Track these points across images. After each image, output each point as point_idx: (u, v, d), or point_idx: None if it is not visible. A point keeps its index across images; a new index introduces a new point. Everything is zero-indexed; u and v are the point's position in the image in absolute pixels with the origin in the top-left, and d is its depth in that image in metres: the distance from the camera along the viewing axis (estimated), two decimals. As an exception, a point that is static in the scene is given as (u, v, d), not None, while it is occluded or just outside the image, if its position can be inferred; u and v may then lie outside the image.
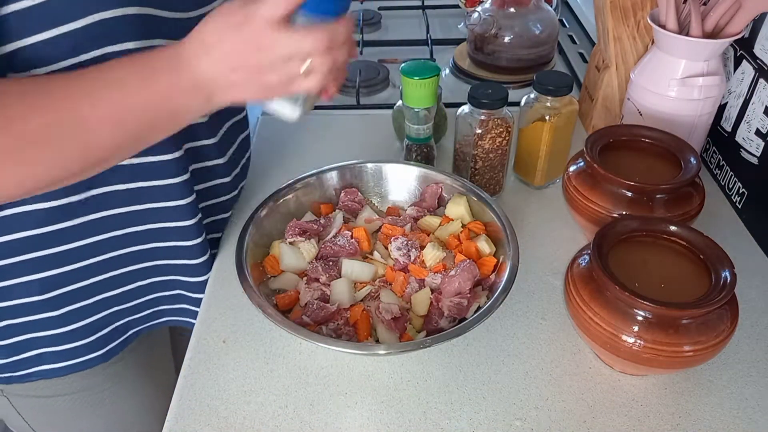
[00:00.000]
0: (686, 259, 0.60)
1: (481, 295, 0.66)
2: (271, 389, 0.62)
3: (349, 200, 0.77)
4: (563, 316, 0.69)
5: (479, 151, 0.79)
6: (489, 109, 0.77)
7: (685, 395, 0.61)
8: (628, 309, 0.56)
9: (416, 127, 0.83)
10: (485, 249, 0.69)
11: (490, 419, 0.59)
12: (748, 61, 0.79)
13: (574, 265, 0.62)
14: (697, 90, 0.77)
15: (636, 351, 0.55)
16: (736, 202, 0.83)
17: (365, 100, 1.10)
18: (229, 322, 0.69)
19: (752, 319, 0.68)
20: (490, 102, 0.76)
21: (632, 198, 0.68)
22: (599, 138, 0.74)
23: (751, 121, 0.79)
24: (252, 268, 0.66)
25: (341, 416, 0.60)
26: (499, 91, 0.77)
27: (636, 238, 0.62)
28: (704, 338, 0.54)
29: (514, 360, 0.65)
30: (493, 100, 0.76)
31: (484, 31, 1.10)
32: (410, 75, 0.78)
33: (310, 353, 0.66)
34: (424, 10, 1.39)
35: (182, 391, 0.62)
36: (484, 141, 0.78)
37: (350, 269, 0.68)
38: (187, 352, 0.67)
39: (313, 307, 0.64)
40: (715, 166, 0.88)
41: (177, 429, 0.59)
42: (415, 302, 0.66)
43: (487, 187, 0.83)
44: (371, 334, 0.64)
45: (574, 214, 0.74)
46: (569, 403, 0.61)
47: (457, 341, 0.66)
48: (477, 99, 0.76)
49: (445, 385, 0.62)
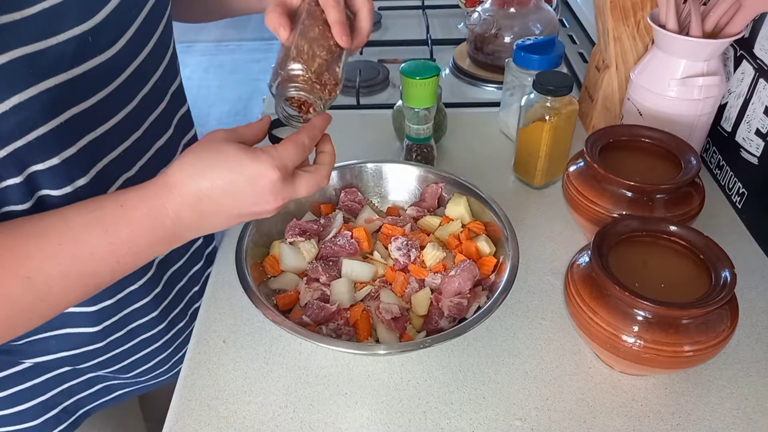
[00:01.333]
0: (686, 259, 0.60)
1: (481, 295, 0.66)
2: (271, 389, 0.62)
3: (349, 200, 0.77)
4: (563, 316, 0.69)
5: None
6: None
7: (685, 395, 0.61)
8: (628, 309, 0.56)
9: (416, 127, 0.83)
10: (485, 249, 0.69)
11: (490, 419, 0.59)
12: (748, 61, 0.79)
13: (574, 265, 0.62)
14: (697, 90, 0.77)
15: (636, 351, 0.55)
16: (736, 202, 0.83)
17: (365, 100, 1.10)
18: (229, 322, 0.69)
19: (752, 319, 0.68)
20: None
21: (632, 198, 0.68)
22: (599, 138, 0.74)
23: (751, 121, 0.79)
24: (252, 268, 0.66)
25: (341, 416, 0.60)
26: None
27: (636, 238, 0.62)
28: (704, 338, 0.54)
29: (514, 360, 0.65)
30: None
31: (484, 31, 1.10)
32: (410, 75, 0.78)
33: (310, 353, 0.66)
34: (424, 10, 1.39)
35: (182, 391, 0.62)
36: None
37: (350, 269, 0.68)
38: (187, 352, 0.67)
39: (313, 307, 0.64)
40: (715, 166, 0.88)
41: (177, 429, 0.59)
42: (415, 302, 0.66)
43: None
44: (371, 334, 0.64)
45: (574, 214, 0.74)
46: (569, 403, 0.61)
47: (457, 341, 0.66)
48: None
49: (445, 385, 0.62)
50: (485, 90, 1.13)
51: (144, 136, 0.61)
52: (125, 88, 0.56)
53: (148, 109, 0.61)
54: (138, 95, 0.58)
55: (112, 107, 0.55)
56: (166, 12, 0.62)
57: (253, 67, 3.43)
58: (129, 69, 0.56)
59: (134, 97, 0.58)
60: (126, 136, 0.58)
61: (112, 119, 0.55)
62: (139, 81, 0.58)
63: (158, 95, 0.63)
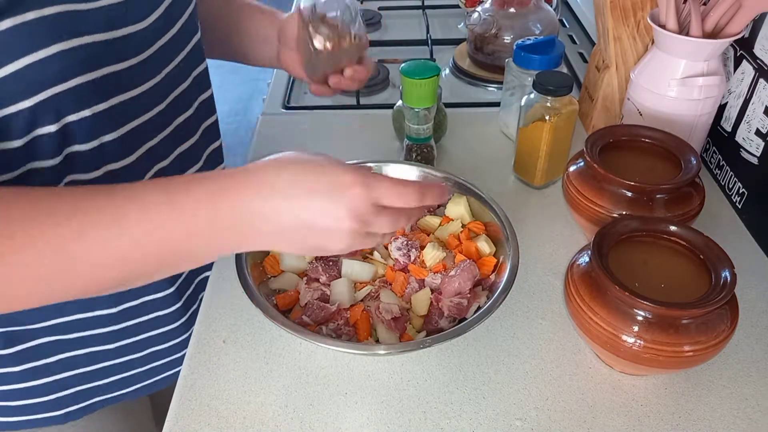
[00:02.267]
0: (686, 259, 0.60)
1: (481, 295, 0.66)
2: (271, 389, 0.62)
3: (349, 200, 0.77)
4: (563, 316, 0.69)
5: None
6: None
7: (685, 395, 0.61)
8: (628, 309, 0.56)
9: (416, 127, 0.83)
10: (485, 249, 0.69)
11: (490, 419, 0.59)
12: (748, 61, 0.79)
13: (574, 265, 0.62)
14: (697, 90, 0.77)
15: (636, 351, 0.55)
16: (736, 202, 0.83)
17: (365, 100, 1.10)
18: (229, 322, 0.69)
19: (752, 319, 0.68)
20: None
21: (632, 198, 0.68)
22: (599, 138, 0.74)
23: (751, 121, 0.79)
24: (252, 268, 0.66)
25: (341, 416, 0.60)
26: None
27: (636, 238, 0.62)
28: (704, 338, 0.54)
29: (514, 360, 0.65)
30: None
31: (484, 31, 1.10)
32: (410, 75, 0.78)
33: (310, 353, 0.66)
34: (424, 10, 1.39)
35: (182, 391, 0.62)
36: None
37: (350, 269, 0.68)
38: (187, 351, 0.67)
39: (313, 307, 0.64)
40: (715, 166, 0.88)
41: (177, 429, 0.59)
42: (415, 302, 0.66)
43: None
44: (371, 334, 0.64)
45: (574, 214, 0.74)
46: (569, 403, 0.61)
47: (457, 341, 0.66)
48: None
49: (445, 385, 0.62)
50: (485, 90, 1.13)
51: (165, 111, 0.65)
52: (152, 61, 0.60)
53: (170, 86, 0.65)
54: (162, 71, 0.63)
55: (141, 76, 0.60)
56: (191, 3, 0.67)
57: (253, 67, 3.43)
58: (155, 45, 0.60)
59: (159, 72, 0.62)
60: (150, 107, 0.62)
61: (138, 88, 0.60)
62: (163, 58, 0.63)
63: (181, 75, 0.67)
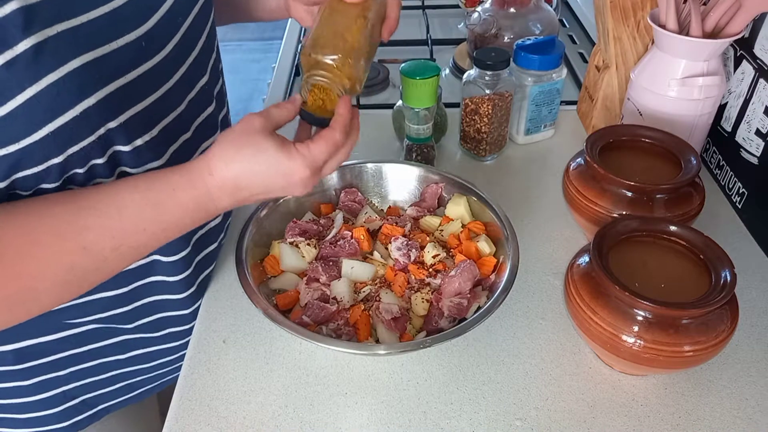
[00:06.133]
0: (686, 259, 0.60)
1: (481, 295, 0.66)
2: (271, 389, 0.62)
3: (349, 200, 0.77)
4: (563, 316, 0.69)
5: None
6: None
7: (685, 395, 0.61)
8: (628, 309, 0.56)
9: (416, 127, 0.83)
10: (485, 249, 0.69)
11: (490, 419, 0.59)
12: (748, 61, 0.79)
13: (574, 265, 0.62)
14: (697, 90, 0.77)
15: (636, 351, 0.55)
16: (736, 202, 0.83)
17: (365, 100, 1.10)
18: (229, 322, 0.69)
19: (752, 319, 0.68)
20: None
21: (632, 198, 0.68)
22: (599, 138, 0.74)
23: (751, 121, 0.79)
24: (252, 268, 0.66)
25: (341, 416, 0.60)
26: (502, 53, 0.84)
27: (636, 238, 0.62)
28: (704, 338, 0.54)
29: (514, 360, 0.65)
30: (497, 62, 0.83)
31: (484, 31, 1.10)
32: (410, 75, 0.78)
33: (310, 353, 0.66)
34: (424, 10, 1.39)
35: (182, 391, 0.62)
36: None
37: (350, 269, 0.68)
38: (187, 351, 0.67)
39: (313, 307, 0.64)
40: (715, 166, 0.88)
41: (177, 429, 0.59)
42: (415, 302, 0.66)
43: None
44: (371, 334, 0.64)
45: (574, 214, 0.74)
46: (569, 403, 0.61)
47: (457, 341, 0.66)
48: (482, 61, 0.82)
49: (445, 385, 0.62)
50: (485, 90, 1.13)
51: (192, 137, 0.64)
52: (175, 91, 0.59)
53: (195, 112, 0.64)
54: (186, 99, 0.61)
55: (164, 110, 0.58)
56: (209, 19, 0.65)
57: (253, 67, 3.43)
58: (177, 74, 0.58)
59: (182, 101, 0.61)
60: (175, 138, 0.61)
61: (161, 122, 0.58)
62: (186, 85, 0.61)
63: (205, 98, 0.66)
